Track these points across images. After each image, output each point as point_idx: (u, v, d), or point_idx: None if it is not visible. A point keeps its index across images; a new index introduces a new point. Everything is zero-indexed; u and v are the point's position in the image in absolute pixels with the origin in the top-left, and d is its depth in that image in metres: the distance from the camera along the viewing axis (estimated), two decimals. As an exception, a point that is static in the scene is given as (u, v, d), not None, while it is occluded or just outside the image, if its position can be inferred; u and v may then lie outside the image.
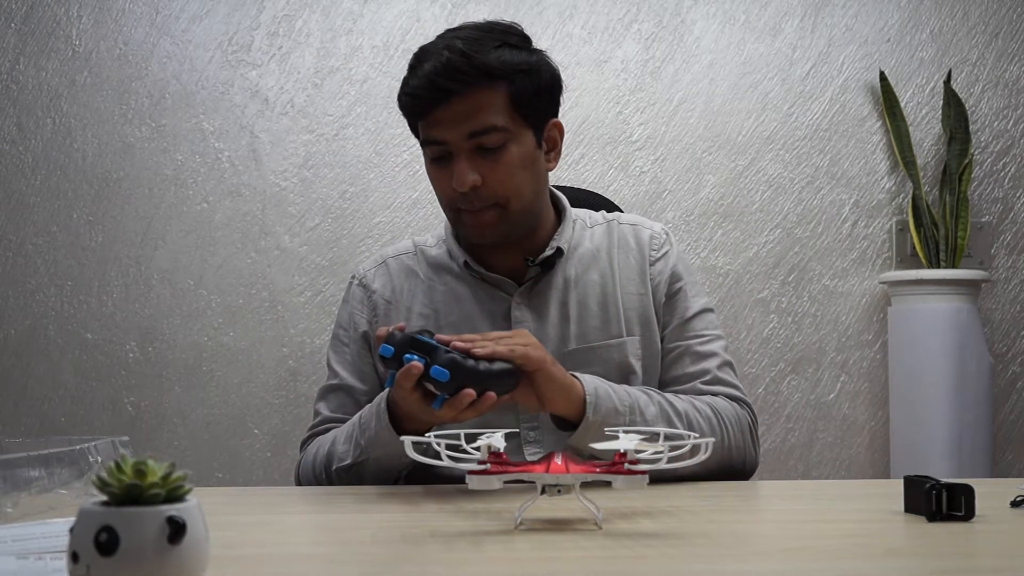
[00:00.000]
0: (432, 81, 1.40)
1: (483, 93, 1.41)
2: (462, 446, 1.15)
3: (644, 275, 1.56)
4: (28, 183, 2.77)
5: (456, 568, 0.86)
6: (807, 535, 1.04)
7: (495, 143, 1.42)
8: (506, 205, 1.45)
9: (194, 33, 2.80)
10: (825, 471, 2.87)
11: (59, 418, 2.74)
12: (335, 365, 1.58)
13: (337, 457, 1.43)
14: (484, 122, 1.41)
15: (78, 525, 0.68)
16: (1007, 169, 2.93)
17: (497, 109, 1.42)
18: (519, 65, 1.44)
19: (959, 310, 2.71)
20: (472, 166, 1.42)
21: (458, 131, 1.41)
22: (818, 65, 2.91)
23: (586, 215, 1.62)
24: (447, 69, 1.40)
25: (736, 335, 2.85)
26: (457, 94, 1.40)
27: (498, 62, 1.42)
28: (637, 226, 1.60)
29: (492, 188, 1.44)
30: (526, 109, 1.45)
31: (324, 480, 1.47)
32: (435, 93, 1.40)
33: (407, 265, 1.60)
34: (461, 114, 1.41)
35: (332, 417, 1.56)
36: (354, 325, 1.58)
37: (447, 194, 1.47)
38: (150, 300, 2.77)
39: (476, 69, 1.40)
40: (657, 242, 1.58)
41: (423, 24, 2.83)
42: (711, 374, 1.51)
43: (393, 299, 1.57)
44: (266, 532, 1.08)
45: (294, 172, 2.81)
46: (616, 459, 1.01)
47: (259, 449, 2.77)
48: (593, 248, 1.57)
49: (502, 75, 1.42)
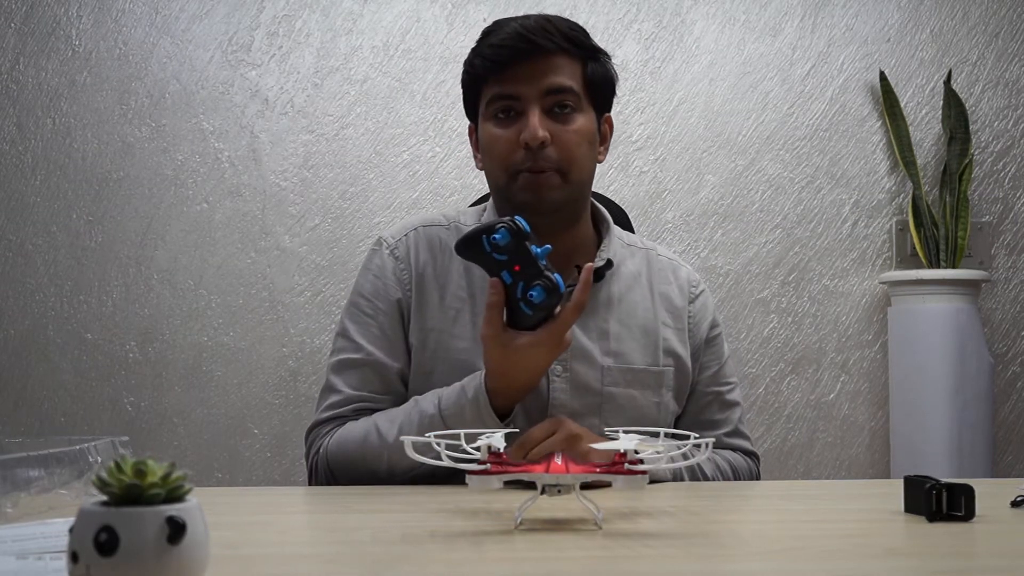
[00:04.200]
0: (520, 34, 1.42)
1: (564, 58, 1.45)
2: (462, 446, 1.14)
3: (682, 312, 1.56)
4: (28, 183, 2.77)
5: (456, 568, 0.86)
6: (807, 535, 1.04)
7: (568, 103, 1.45)
8: (567, 172, 1.44)
9: (194, 33, 2.80)
10: (825, 471, 2.87)
11: (59, 418, 2.74)
12: (356, 337, 1.47)
13: (400, 429, 1.35)
14: (563, 82, 1.44)
15: (78, 525, 0.68)
16: (1007, 169, 2.93)
17: (573, 76, 1.45)
18: (594, 48, 1.49)
19: (959, 310, 2.71)
20: (543, 124, 1.43)
21: (536, 86, 1.43)
22: (818, 65, 2.91)
23: (622, 233, 1.61)
24: (537, 27, 1.43)
25: (736, 335, 2.85)
26: (543, 50, 1.42)
27: (578, 35, 1.47)
28: (674, 262, 1.62)
29: (558, 150, 1.43)
30: (594, 91, 1.48)
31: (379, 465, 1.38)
32: (522, 43, 1.42)
33: (440, 239, 1.51)
34: (541, 71, 1.43)
35: (357, 395, 1.45)
36: (386, 296, 1.48)
37: (508, 154, 1.44)
38: (150, 300, 2.77)
39: (562, 34, 1.44)
40: (694, 281, 1.61)
41: (423, 24, 2.83)
42: (733, 426, 1.58)
43: (425, 272, 1.49)
44: (266, 532, 1.08)
45: (294, 172, 2.81)
46: (616, 459, 1.01)
47: (259, 449, 2.77)
48: (635, 270, 1.56)
49: (581, 49, 1.46)
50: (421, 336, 1.47)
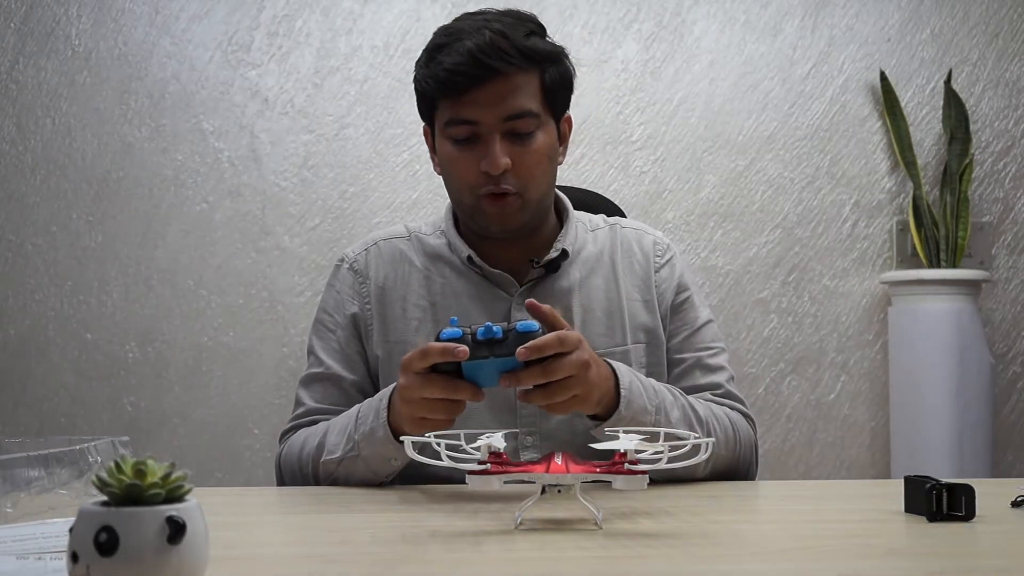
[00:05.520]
0: (476, 58, 1.36)
1: (521, 76, 1.39)
2: (462, 446, 1.14)
3: (649, 282, 1.54)
4: (28, 183, 2.77)
5: (456, 568, 0.86)
6: (807, 535, 1.04)
7: (528, 128, 1.41)
8: (527, 193, 1.43)
9: (194, 33, 2.80)
10: (825, 471, 2.87)
11: (59, 418, 2.74)
12: (319, 352, 1.52)
13: (327, 449, 1.38)
14: (521, 106, 1.40)
15: (78, 525, 0.68)
16: (1008, 169, 2.93)
17: (531, 94, 1.41)
18: (551, 54, 1.43)
19: (959, 310, 2.71)
20: (504, 150, 1.40)
21: (494, 112, 1.39)
22: (818, 65, 2.91)
23: (586, 218, 1.60)
24: (492, 48, 1.36)
25: (736, 335, 2.85)
26: (500, 73, 1.37)
27: (535, 47, 1.40)
28: (640, 231, 1.59)
29: (519, 173, 1.41)
30: (552, 99, 1.44)
31: (308, 473, 1.41)
32: (478, 70, 1.36)
33: (400, 250, 1.54)
34: (499, 95, 1.38)
35: (317, 408, 1.49)
36: (342, 310, 1.52)
37: (470, 178, 1.42)
38: (150, 300, 2.77)
39: (518, 51, 1.38)
40: (660, 248, 1.57)
41: (423, 24, 2.83)
42: (723, 388, 1.51)
43: (387, 285, 1.52)
44: (266, 532, 1.08)
45: (294, 172, 2.81)
46: (616, 459, 1.01)
47: (259, 449, 2.77)
48: (596, 252, 1.55)
49: (538, 61, 1.41)
50: (387, 348, 1.49)
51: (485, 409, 1.41)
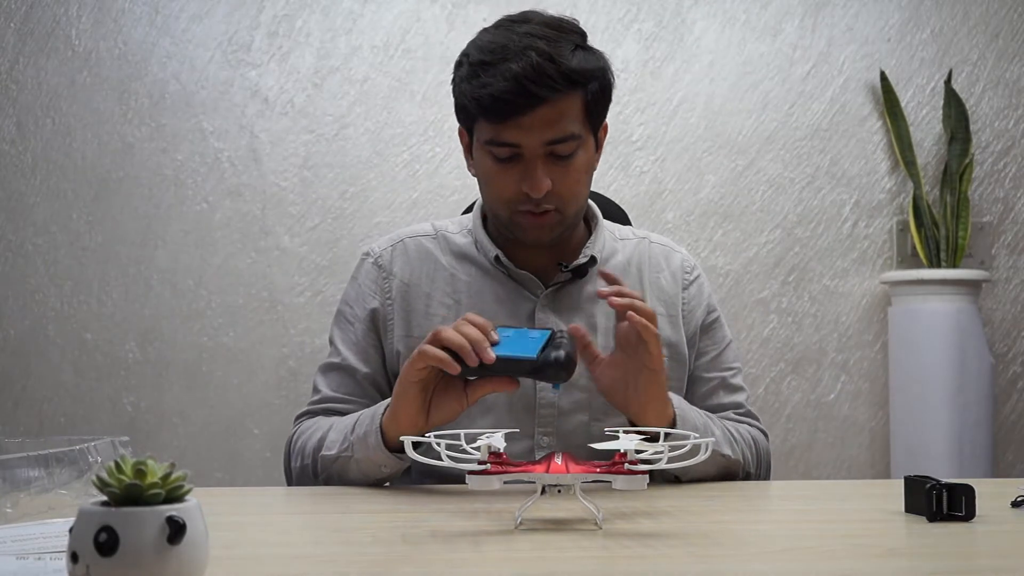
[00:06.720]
0: (522, 85, 1.34)
1: (566, 100, 1.38)
2: (462, 446, 1.14)
3: (676, 299, 1.54)
4: (28, 183, 2.77)
5: (456, 568, 0.86)
6: (807, 535, 1.04)
7: (568, 151, 1.40)
8: (563, 210, 1.43)
9: (194, 33, 2.80)
10: (825, 471, 2.87)
11: (59, 418, 2.74)
12: (338, 343, 1.53)
13: (325, 445, 1.39)
14: (564, 130, 1.38)
15: (78, 525, 0.68)
16: (1008, 169, 2.93)
17: (575, 116, 1.40)
18: (594, 71, 1.42)
19: (959, 310, 2.71)
20: (545, 171, 1.39)
21: (537, 137, 1.37)
22: (818, 65, 2.91)
23: (614, 227, 1.61)
24: (538, 74, 1.34)
25: (736, 335, 2.84)
26: (546, 101, 1.35)
27: (580, 68, 1.38)
28: (667, 247, 1.60)
29: (559, 192, 1.41)
30: (594, 114, 1.44)
31: (308, 465, 1.42)
32: (524, 98, 1.34)
33: (426, 248, 1.54)
34: (544, 121, 1.36)
35: (332, 396, 1.51)
36: (362, 304, 1.52)
37: (509, 194, 1.42)
38: (150, 300, 2.77)
39: (564, 76, 1.35)
40: (688, 266, 1.58)
41: (423, 24, 2.83)
42: (744, 408, 1.55)
43: (411, 282, 1.52)
44: (266, 532, 1.08)
45: (294, 172, 2.81)
46: (616, 459, 1.01)
47: (259, 449, 2.77)
48: (624, 261, 1.55)
49: (582, 81, 1.39)
50: (408, 343, 1.49)
51: (503, 409, 1.42)
